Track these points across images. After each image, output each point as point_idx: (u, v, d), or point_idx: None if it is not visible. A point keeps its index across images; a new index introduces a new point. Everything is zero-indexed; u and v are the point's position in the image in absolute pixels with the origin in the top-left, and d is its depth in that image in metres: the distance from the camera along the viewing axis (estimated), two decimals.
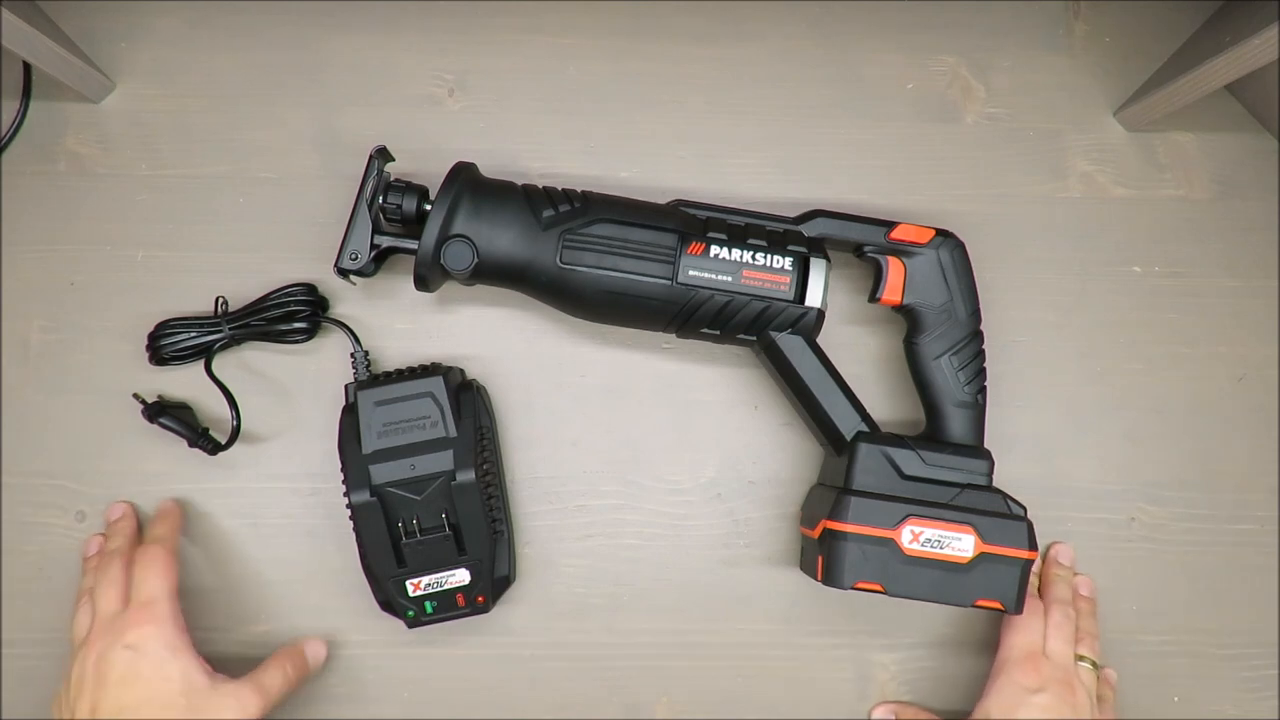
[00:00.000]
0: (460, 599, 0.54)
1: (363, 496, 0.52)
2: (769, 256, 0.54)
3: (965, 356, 0.55)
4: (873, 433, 0.55)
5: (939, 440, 0.55)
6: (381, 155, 0.55)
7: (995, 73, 0.65)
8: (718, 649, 0.59)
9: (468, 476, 0.52)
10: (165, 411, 0.56)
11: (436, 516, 0.53)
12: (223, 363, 0.58)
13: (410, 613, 0.54)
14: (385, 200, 0.55)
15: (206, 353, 0.57)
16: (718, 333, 0.55)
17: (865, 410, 0.55)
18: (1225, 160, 0.65)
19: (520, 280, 0.55)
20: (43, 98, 0.62)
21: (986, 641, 0.59)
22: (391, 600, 0.54)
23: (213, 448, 0.56)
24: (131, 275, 0.60)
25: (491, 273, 0.54)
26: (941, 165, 0.64)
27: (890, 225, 0.56)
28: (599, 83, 0.64)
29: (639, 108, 0.63)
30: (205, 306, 0.59)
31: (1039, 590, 0.58)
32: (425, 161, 0.59)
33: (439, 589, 0.54)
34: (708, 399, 0.61)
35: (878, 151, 0.64)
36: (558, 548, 0.60)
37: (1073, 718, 0.52)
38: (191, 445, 0.56)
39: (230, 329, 0.58)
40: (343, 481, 0.52)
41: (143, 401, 0.57)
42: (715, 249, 0.54)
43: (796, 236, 0.56)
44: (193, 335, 0.58)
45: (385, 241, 0.55)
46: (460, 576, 0.54)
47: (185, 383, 0.59)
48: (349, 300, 0.61)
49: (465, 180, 0.54)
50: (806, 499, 0.59)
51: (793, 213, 0.58)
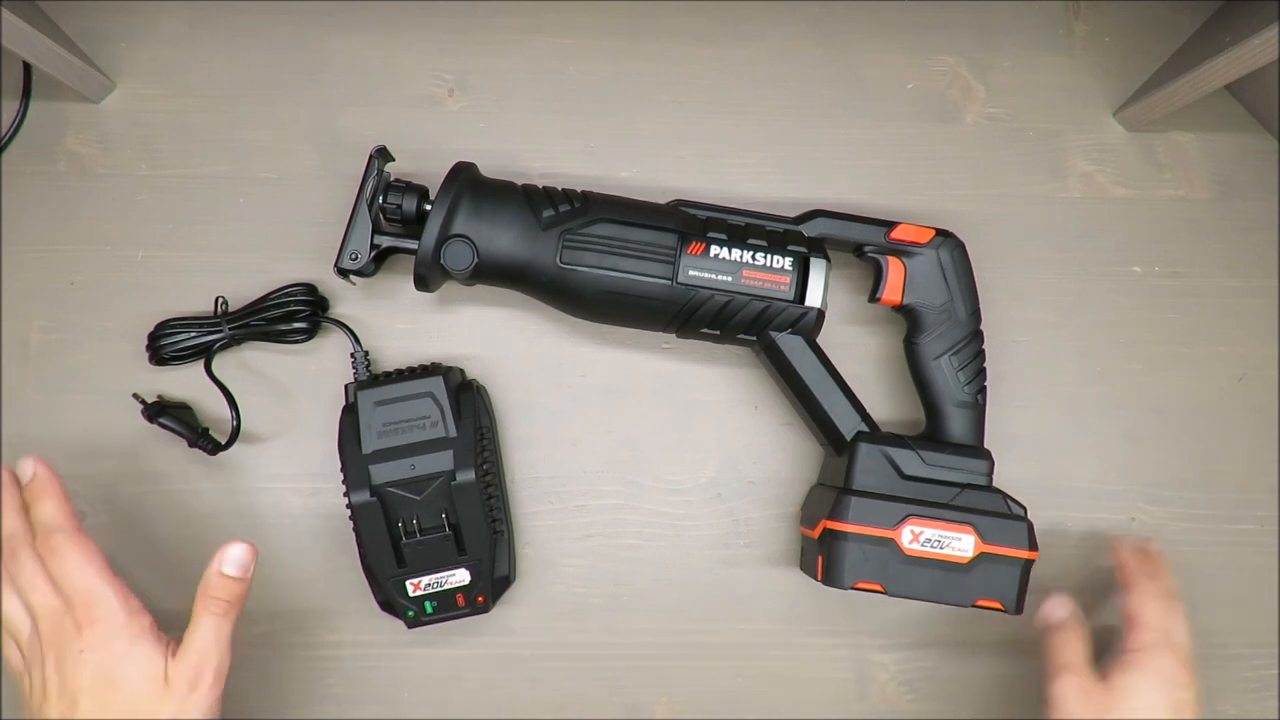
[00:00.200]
0: (460, 599, 0.54)
1: (363, 496, 0.52)
2: (769, 256, 0.54)
3: (965, 356, 0.55)
4: (873, 433, 0.55)
5: (939, 440, 0.55)
6: (381, 155, 0.55)
7: (995, 73, 0.65)
8: (718, 649, 0.59)
9: (468, 476, 0.52)
10: (165, 411, 0.56)
11: (436, 516, 0.53)
12: (223, 363, 0.58)
13: (410, 613, 0.54)
14: (385, 200, 0.55)
15: (206, 353, 0.57)
16: (718, 333, 0.55)
17: (865, 410, 0.55)
18: (1225, 160, 0.65)
19: (520, 280, 0.55)
20: (43, 98, 0.62)
21: (987, 642, 0.59)
22: (391, 600, 0.54)
23: (213, 448, 0.56)
24: (131, 275, 0.60)
25: (491, 273, 0.54)
26: (941, 165, 0.64)
27: (890, 225, 0.56)
28: (599, 83, 0.64)
29: (639, 108, 0.63)
30: (205, 306, 0.59)
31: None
32: (425, 161, 0.59)
33: (439, 589, 0.54)
34: (708, 399, 0.61)
35: (878, 151, 0.64)
36: (558, 548, 0.59)
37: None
38: (191, 445, 0.56)
39: (230, 329, 0.58)
40: (343, 481, 0.52)
41: (143, 401, 0.57)
42: (715, 249, 0.54)
43: (796, 236, 0.56)
44: (193, 335, 0.58)
45: (385, 241, 0.55)
46: (460, 576, 0.54)
47: (185, 383, 0.59)
48: (349, 300, 0.61)
49: (465, 180, 0.54)
50: (806, 499, 0.59)
51: (793, 213, 0.58)
